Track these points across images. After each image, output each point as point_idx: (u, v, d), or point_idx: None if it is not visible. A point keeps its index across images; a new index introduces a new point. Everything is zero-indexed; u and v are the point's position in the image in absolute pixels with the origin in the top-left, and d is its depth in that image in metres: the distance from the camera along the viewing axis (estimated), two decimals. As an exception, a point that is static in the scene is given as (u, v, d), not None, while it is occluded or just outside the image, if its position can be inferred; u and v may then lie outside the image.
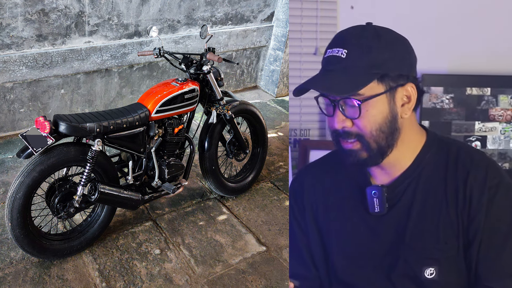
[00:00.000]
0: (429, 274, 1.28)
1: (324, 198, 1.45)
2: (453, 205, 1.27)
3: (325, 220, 1.44)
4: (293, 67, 3.03)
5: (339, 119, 1.25)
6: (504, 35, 2.63)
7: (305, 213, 1.48)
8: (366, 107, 1.22)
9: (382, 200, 1.31)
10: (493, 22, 2.63)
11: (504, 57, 2.65)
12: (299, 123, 3.05)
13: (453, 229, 1.27)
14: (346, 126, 1.25)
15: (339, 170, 1.43)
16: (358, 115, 1.22)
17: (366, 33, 1.23)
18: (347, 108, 1.24)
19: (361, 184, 1.38)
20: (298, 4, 2.99)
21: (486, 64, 2.64)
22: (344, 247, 1.40)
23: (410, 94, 1.26)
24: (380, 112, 1.23)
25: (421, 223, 1.29)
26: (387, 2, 2.71)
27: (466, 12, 2.59)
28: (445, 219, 1.27)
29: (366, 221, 1.36)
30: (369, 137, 1.25)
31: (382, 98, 1.23)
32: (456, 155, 1.30)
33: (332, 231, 1.42)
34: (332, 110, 1.26)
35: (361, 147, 1.26)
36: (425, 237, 1.28)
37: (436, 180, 1.30)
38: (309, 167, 1.58)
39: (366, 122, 1.24)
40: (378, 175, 1.36)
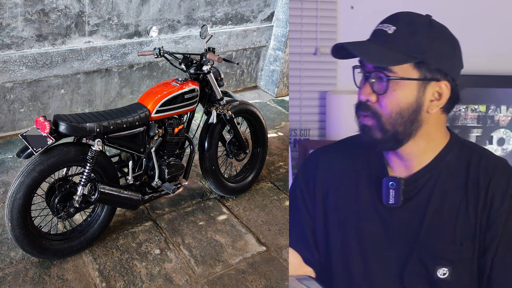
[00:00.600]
0: (442, 274, 1.27)
1: (338, 182, 1.42)
2: (473, 208, 1.26)
3: (334, 205, 1.42)
4: (293, 67, 3.03)
5: (365, 91, 1.26)
6: (504, 35, 2.64)
7: (315, 195, 1.45)
8: (394, 87, 1.23)
9: (399, 192, 1.30)
10: (493, 22, 2.63)
11: (504, 57, 2.65)
12: (299, 123, 3.06)
13: (471, 231, 1.26)
14: (370, 99, 1.26)
15: (356, 157, 1.42)
16: (384, 91, 1.23)
17: (422, 20, 1.25)
18: (377, 82, 1.24)
19: (378, 174, 1.36)
20: (298, 4, 2.99)
21: (486, 64, 2.64)
22: (351, 235, 1.37)
23: (443, 92, 1.26)
24: (405, 97, 1.23)
25: (437, 222, 1.28)
26: (387, 2, 2.71)
27: (466, 12, 2.59)
28: (463, 221, 1.26)
29: (378, 211, 1.34)
30: (387, 117, 1.25)
31: (412, 84, 1.23)
32: (479, 160, 1.30)
33: (340, 218, 1.40)
34: (363, 81, 1.28)
35: (376, 126, 1.26)
36: (440, 237, 1.28)
37: (456, 181, 1.29)
38: (326, 149, 1.53)
39: (388, 101, 1.24)
40: (396, 166, 1.35)
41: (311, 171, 1.47)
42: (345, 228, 1.39)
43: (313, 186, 1.45)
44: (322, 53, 2.99)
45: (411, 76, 1.22)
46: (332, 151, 1.50)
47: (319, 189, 1.44)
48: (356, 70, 1.31)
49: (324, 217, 1.43)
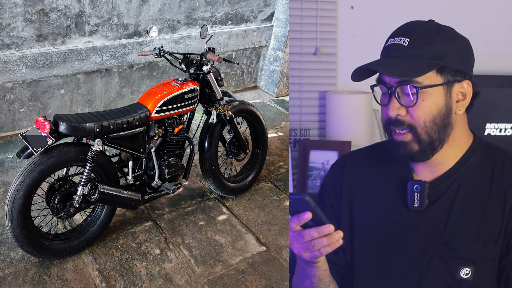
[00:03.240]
0: (465, 274, 1.27)
1: (364, 187, 1.44)
2: (500, 210, 1.27)
3: (360, 209, 1.43)
4: (293, 67, 3.03)
5: (394, 107, 1.26)
6: (504, 35, 2.64)
7: (341, 198, 1.46)
8: (422, 96, 1.23)
9: (424, 196, 1.30)
10: (493, 22, 2.63)
11: (504, 57, 2.65)
12: (299, 123, 3.06)
13: (495, 233, 1.26)
14: (400, 114, 1.26)
15: (382, 162, 1.43)
16: (415, 102, 1.23)
17: (430, 26, 1.26)
18: (403, 96, 1.25)
19: (403, 178, 1.37)
20: (298, 4, 2.99)
21: (486, 64, 2.64)
22: (376, 239, 1.38)
23: (466, 91, 1.28)
24: (435, 103, 1.25)
25: (460, 224, 1.28)
26: (387, 2, 2.72)
27: (466, 12, 2.59)
28: (488, 223, 1.26)
29: (402, 215, 1.35)
30: (422, 127, 1.25)
31: (439, 90, 1.25)
32: (503, 161, 1.31)
33: (366, 221, 1.41)
34: (388, 98, 1.28)
35: (413, 139, 1.27)
36: (463, 238, 1.28)
37: (481, 183, 1.30)
38: (353, 155, 1.57)
39: (420, 112, 1.25)
40: (421, 171, 1.36)
41: (338, 179, 1.50)
42: (370, 232, 1.40)
43: (339, 190, 1.48)
44: (322, 53, 2.99)
45: (437, 82, 1.24)
46: (358, 157, 1.53)
47: (345, 193, 1.46)
48: (375, 89, 1.32)
49: (350, 220, 1.44)
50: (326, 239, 1.14)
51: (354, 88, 2.85)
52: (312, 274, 1.30)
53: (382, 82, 1.29)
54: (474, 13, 2.61)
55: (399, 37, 1.26)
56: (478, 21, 2.62)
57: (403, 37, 1.25)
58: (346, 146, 2.75)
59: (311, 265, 1.27)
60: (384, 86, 1.28)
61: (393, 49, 1.26)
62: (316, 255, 1.18)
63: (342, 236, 1.16)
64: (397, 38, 1.27)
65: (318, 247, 1.15)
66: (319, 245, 1.15)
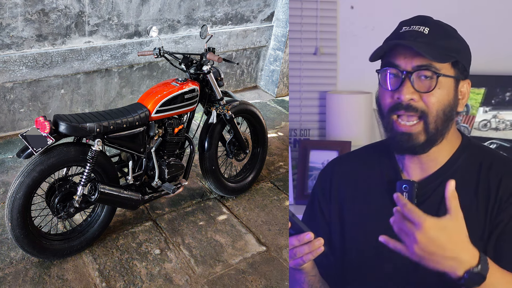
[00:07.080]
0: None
1: (353, 190, 1.44)
2: (483, 209, 1.27)
3: (350, 212, 1.43)
4: (293, 67, 3.03)
5: (408, 91, 1.25)
6: (504, 35, 2.63)
7: (331, 202, 1.47)
8: (439, 85, 1.25)
9: (412, 195, 1.30)
10: (493, 22, 2.63)
11: (504, 57, 2.65)
12: (299, 123, 3.05)
13: (480, 231, 1.27)
14: (414, 98, 1.25)
15: (370, 163, 1.44)
16: (433, 87, 1.24)
17: (443, 23, 1.30)
18: (419, 80, 1.25)
19: (392, 177, 1.38)
20: (298, 4, 2.99)
21: (486, 64, 2.64)
22: (366, 240, 1.38)
23: (466, 91, 1.31)
24: (447, 94, 1.27)
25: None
26: (387, 2, 2.71)
27: (465, 12, 2.59)
28: (473, 221, 1.27)
29: (392, 215, 1.35)
30: (433, 116, 1.26)
31: (451, 83, 1.27)
32: (490, 161, 1.32)
33: (356, 223, 1.41)
34: (400, 82, 1.26)
35: (422, 129, 1.27)
36: None
37: (468, 182, 1.30)
38: (342, 159, 1.57)
39: (435, 99, 1.25)
40: (410, 170, 1.37)
41: (327, 183, 1.50)
42: (361, 233, 1.40)
43: (329, 196, 1.48)
44: (322, 53, 2.99)
45: (451, 74, 1.26)
46: (345, 161, 1.54)
47: (334, 198, 1.47)
48: (388, 71, 1.29)
49: (341, 223, 1.45)
50: (307, 246, 1.17)
51: (354, 88, 2.85)
52: (301, 281, 1.32)
53: (393, 65, 1.27)
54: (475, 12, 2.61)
55: (417, 25, 1.27)
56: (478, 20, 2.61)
57: (422, 26, 1.27)
58: (346, 146, 2.74)
59: (299, 272, 1.29)
60: (397, 69, 1.27)
61: (413, 35, 1.26)
62: (299, 263, 1.21)
63: (323, 243, 1.19)
64: (414, 26, 1.27)
65: (300, 255, 1.18)
66: (301, 252, 1.18)
